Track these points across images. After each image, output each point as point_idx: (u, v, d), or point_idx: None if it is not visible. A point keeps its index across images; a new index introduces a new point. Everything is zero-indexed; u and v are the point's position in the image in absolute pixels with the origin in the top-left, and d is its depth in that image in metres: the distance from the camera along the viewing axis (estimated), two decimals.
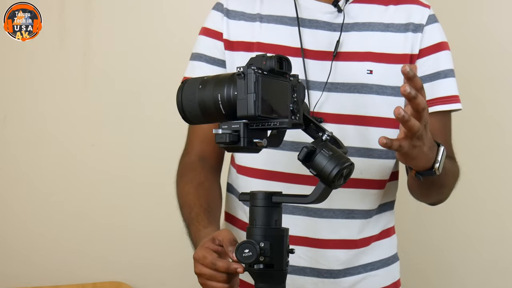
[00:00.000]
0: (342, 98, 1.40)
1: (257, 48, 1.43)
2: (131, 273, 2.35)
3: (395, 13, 1.44)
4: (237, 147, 1.09)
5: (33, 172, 2.33)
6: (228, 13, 1.47)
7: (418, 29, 1.43)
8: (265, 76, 1.07)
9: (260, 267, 1.12)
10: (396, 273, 1.54)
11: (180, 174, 1.48)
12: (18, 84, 2.33)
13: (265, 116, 1.07)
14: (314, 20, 1.44)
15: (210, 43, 1.48)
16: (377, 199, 1.46)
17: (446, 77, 1.45)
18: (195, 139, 1.50)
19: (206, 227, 1.32)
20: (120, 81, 2.32)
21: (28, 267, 2.33)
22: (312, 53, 1.42)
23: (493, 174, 2.29)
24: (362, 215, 1.44)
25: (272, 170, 1.43)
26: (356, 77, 1.41)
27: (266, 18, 1.46)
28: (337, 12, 1.43)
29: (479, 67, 2.27)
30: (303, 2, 1.45)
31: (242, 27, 1.46)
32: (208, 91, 1.11)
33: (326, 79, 1.40)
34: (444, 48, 1.46)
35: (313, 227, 1.41)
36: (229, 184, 1.57)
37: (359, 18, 1.43)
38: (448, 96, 1.44)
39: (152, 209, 2.34)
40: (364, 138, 1.41)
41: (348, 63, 1.41)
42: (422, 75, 1.43)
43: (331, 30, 1.42)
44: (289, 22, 1.44)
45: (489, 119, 2.29)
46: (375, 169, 1.43)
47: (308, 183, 1.37)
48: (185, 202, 1.41)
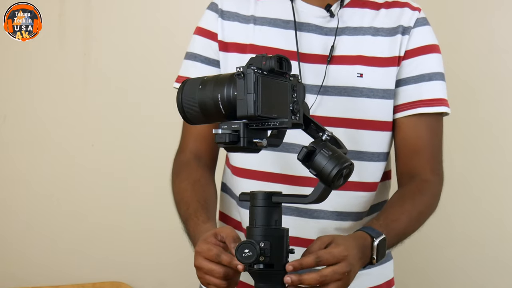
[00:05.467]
0: (333, 101, 1.40)
1: (250, 50, 1.43)
2: (131, 273, 2.35)
3: (386, 17, 1.45)
4: (237, 147, 1.09)
5: (33, 172, 2.34)
6: (222, 13, 1.47)
7: (406, 31, 1.44)
8: (264, 76, 1.07)
9: (260, 267, 1.12)
10: (390, 272, 1.54)
11: (176, 171, 1.48)
12: (18, 84, 2.33)
13: (265, 116, 1.07)
14: (306, 23, 1.44)
15: (205, 43, 1.48)
16: (369, 201, 1.46)
17: (432, 79, 1.44)
18: (190, 137, 1.51)
19: (205, 222, 1.32)
20: (120, 81, 2.33)
21: (28, 267, 2.33)
22: (306, 56, 1.42)
23: (490, 174, 2.30)
24: (352, 217, 1.44)
25: (265, 171, 1.43)
26: (347, 81, 1.41)
27: (260, 20, 1.45)
28: (329, 16, 1.44)
29: (476, 68, 2.27)
30: (297, 6, 1.45)
31: (236, 29, 1.46)
32: (208, 91, 1.11)
33: (321, 82, 1.40)
34: (432, 51, 1.45)
35: (303, 228, 1.41)
36: (223, 184, 1.57)
37: (351, 23, 1.44)
38: (433, 99, 1.43)
39: (152, 209, 2.34)
40: (354, 141, 1.41)
41: (340, 67, 1.41)
42: (407, 76, 1.43)
43: (322, 34, 1.43)
44: (283, 25, 1.44)
45: (486, 120, 2.29)
46: (366, 172, 1.43)
47: (303, 184, 1.38)
48: (181, 199, 1.41)
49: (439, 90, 1.45)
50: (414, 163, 1.45)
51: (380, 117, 1.43)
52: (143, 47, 2.33)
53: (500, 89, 2.30)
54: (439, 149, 1.47)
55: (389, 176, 1.53)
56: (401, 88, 1.44)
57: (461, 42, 2.24)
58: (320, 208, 1.40)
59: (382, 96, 1.42)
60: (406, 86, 1.44)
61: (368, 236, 1.25)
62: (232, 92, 1.08)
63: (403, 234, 1.36)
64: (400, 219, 1.34)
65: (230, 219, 1.53)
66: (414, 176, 1.43)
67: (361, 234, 1.25)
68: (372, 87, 1.41)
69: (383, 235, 1.26)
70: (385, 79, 1.42)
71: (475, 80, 2.26)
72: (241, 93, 1.06)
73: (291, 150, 1.39)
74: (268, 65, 1.07)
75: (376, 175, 1.46)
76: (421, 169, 1.44)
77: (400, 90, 1.44)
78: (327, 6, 1.44)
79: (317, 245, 1.18)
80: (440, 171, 1.47)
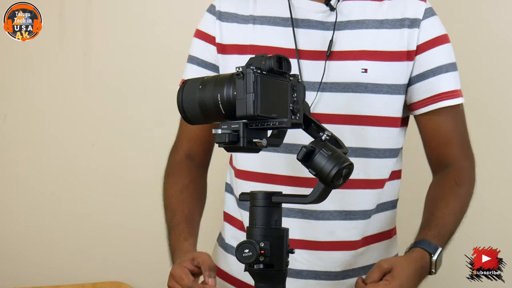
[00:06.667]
0: (336, 98, 1.39)
1: (250, 51, 1.41)
2: (131, 273, 2.35)
3: (390, 8, 1.41)
4: (236, 147, 1.09)
5: (33, 172, 2.34)
6: (220, 15, 1.46)
7: (414, 24, 1.41)
8: (264, 76, 1.07)
9: (260, 267, 1.12)
10: None
11: (168, 172, 1.52)
12: (18, 84, 2.33)
13: (265, 116, 1.07)
14: (306, 19, 1.42)
15: (203, 46, 1.48)
16: (376, 199, 1.44)
17: (448, 71, 1.43)
18: (184, 137, 1.53)
19: (186, 240, 1.36)
20: (120, 81, 2.32)
21: (28, 267, 2.33)
22: (306, 53, 1.40)
23: (493, 172, 2.29)
24: (359, 216, 1.43)
25: (269, 173, 1.42)
26: (350, 77, 1.39)
27: (259, 20, 1.44)
28: (329, 10, 1.41)
29: (479, 65, 2.26)
30: (296, 2, 1.43)
31: (235, 30, 1.45)
32: (208, 91, 1.11)
33: (320, 79, 1.38)
34: (443, 41, 1.44)
35: (309, 230, 1.40)
36: (227, 185, 1.56)
37: (352, 16, 1.41)
38: (452, 90, 1.43)
39: (152, 209, 2.32)
40: (360, 138, 1.40)
41: (342, 62, 1.39)
42: (424, 71, 1.42)
43: (324, 29, 1.41)
44: (282, 23, 1.42)
45: (491, 117, 2.28)
46: (372, 169, 1.42)
47: (305, 185, 1.37)
48: (168, 205, 1.46)
49: (455, 81, 1.44)
50: (445, 152, 1.46)
51: (386, 112, 1.41)
52: (143, 47, 2.33)
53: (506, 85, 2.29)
54: (465, 134, 1.48)
55: (399, 176, 1.51)
56: (420, 84, 1.42)
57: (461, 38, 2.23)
58: (326, 208, 1.39)
59: (387, 91, 1.40)
60: (424, 80, 1.42)
61: (426, 254, 1.30)
62: (232, 92, 1.08)
63: (452, 233, 1.41)
64: (449, 222, 1.39)
65: (234, 220, 1.52)
66: (448, 164, 1.46)
67: (419, 254, 1.29)
68: (377, 82, 1.39)
69: (440, 247, 1.31)
70: (391, 74, 1.40)
71: (479, 76, 2.25)
72: (241, 93, 1.06)
73: (294, 151, 1.37)
74: (268, 65, 1.07)
75: (384, 171, 1.44)
76: (454, 157, 1.46)
77: (418, 86, 1.42)
78: (326, 0, 1.42)
79: (375, 275, 1.24)
80: (471, 154, 1.49)
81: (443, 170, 1.46)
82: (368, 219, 1.44)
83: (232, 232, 1.52)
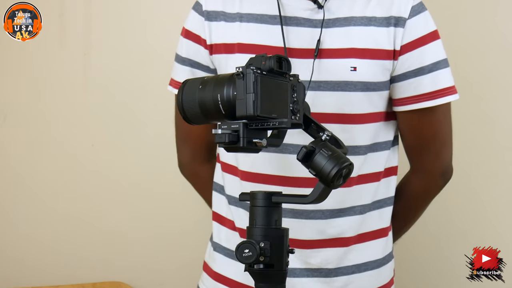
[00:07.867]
0: (326, 96, 1.36)
1: (238, 50, 1.39)
2: (131, 273, 2.35)
3: (377, 5, 1.38)
4: (236, 147, 1.09)
5: (32, 172, 2.34)
6: (208, 15, 1.43)
7: (400, 23, 1.37)
8: (264, 76, 1.07)
9: (260, 267, 1.12)
10: (391, 272, 1.53)
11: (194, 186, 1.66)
12: (18, 84, 2.33)
13: (265, 116, 1.06)
14: (294, 17, 1.38)
15: (194, 48, 1.46)
16: (371, 195, 1.44)
17: (432, 71, 1.39)
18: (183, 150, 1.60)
19: None
20: (120, 81, 2.32)
21: (28, 267, 2.33)
22: (295, 51, 1.37)
23: (492, 173, 2.29)
24: (353, 212, 1.42)
25: (262, 173, 1.42)
26: (339, 75, 1.36)
27: (246, 17, 1.40)
28: (317, 8, 1.38)
29: (476, 64, 2.26)
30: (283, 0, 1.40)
31: (222, 28, 1.42)
32: (208, 91, 1.11)
33: (309, 78, 1.35)
34: (430, 39, 1.40)
35: (300, 229, 1.40)
36: (215, 183, 1.55)
37: (340, 13, 1.38)
38: (436, 90, 1.40)
39: (152, 209, 2.34)
40: (349, 136, 1.38)
41: (331, 61, 1.36)
42: (406, 71, 1.39)
43: (312, 26, 1.37)
44: (270, 20, 1.39)
45: (487, 116, 2.28)
46: (365, 165, 1.41)
47: (300, 185, 1.37)
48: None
49: (442, 80, 1.41)
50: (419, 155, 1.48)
51: (372, 109, 1.40)
52: (143, 47, 2.33)
53: (502, 85, 2.29)
54: (445, 141, 1.47)
55: (395, 172, 1.50)
56: (402, 83, 1.40)
57: (461, 38, 2.23)
58: (317, 207, 1.38)
59: (374, 88, 1.38)
60: (406, 80, 1.40)
61: None
62: (232, 92, 1.08)
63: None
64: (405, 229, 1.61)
65: (224, 219, 1.51)
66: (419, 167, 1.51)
67: None
68: (366, 81, 1.37)
69: None
70: (380, 72, 1.37)
71: (475, 76, 2.25)
72: (241, 93, 1.06)
73: (285, 151, 1.37)
74: (268, 65, 1.07)
75: (377, 165, 1.44)
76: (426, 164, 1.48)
77: (400, 84, 1.40)
78: None
79: None
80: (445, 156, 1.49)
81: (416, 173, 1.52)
82: (363, 215, 1.43)
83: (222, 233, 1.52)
